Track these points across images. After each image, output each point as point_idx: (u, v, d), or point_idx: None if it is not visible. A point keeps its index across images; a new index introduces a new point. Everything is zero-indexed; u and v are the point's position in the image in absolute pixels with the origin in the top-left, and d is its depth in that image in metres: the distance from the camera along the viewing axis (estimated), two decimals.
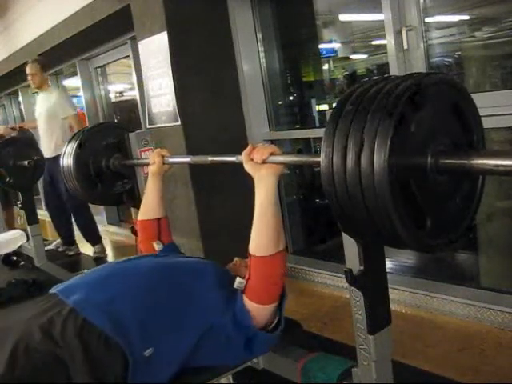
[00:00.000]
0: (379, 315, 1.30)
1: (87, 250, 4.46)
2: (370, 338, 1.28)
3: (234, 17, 3.17)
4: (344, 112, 1.01)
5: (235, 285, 1.43)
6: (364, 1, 3.33)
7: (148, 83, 3.23)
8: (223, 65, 3.18)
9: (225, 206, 3.10)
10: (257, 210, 1.40)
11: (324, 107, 3.77)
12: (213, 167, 2.93)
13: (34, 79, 4.17)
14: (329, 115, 1.04)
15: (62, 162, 2.23)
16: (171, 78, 3.00)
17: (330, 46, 3.76)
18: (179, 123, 3.03)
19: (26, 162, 3.74)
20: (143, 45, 3.19)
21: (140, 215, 1.90)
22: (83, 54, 4.88)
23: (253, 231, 1.40)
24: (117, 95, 5.48)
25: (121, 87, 5.45)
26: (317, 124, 3.55)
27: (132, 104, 4.71)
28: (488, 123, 2.07)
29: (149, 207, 1.89)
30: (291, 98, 3.70)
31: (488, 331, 2.19)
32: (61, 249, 4.59)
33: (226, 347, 1.42)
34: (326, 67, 3.87)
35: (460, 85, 1.12)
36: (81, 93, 5.19)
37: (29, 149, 3.94)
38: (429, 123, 1.02)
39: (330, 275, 2.92)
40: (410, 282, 2.61)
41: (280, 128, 3.37)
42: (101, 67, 5.04)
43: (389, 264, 2.89)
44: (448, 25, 2.67)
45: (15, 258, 4.58)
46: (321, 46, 3.71)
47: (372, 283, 1.26)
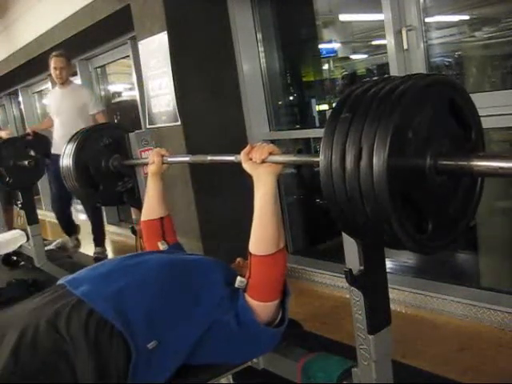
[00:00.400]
0: (379, 315, 1.30)
1: (87, 250, 4.47)
2: (370, 338, 1.28)
3: (234, 17, 3.17)
4: (343, 113, 1.01)
5: (236, 284, 1.43)
6: (364, 1, 3.33)
7: (148, 83, 3.23)
8: (223, 65, 3.18)
9: (225, 206, 3.10)
10: (256, 210, 1.40)
11: (324, 107, 3.77)
12: (213, 167, 2.94)
13: (62, 73, 4.01)
14: (328, 116, 1.04)
15: (62, 163, 2.23)
16: (171, 78, 3.00)
17: (330, 46, 3.76)
18: (179, 123, 3.03)
19: (26, 162, 3.74)
20: (143, 45, 3.19)
21: (143, 216, 1.91)
22: (83, 54, 4.88)
23: (252, 230, 1.40)
24: (116, 95, 5.48)
25: (121, 87, 5.44)
26: (317, 124, 3.55)
27: (132, 104, 4.71)
28: (488, 123, 2.08)
29: (151, 207, 1.89)
30: (291, 98, 3.70)
31: (488, 331, 2.19)
32: (71, 243, 4.58)
33: (229, 345, 1.42)
34: (326, 67, 3.86)
35: (459, 86, 1.11)
36: None
37: (29, 149, 3.94)
38: (428, 125, 1.02)
39: (330, 275, 2.92)
40: (410, 282, 2.61)
41: (280, 128, 3.37)
42: (101, 67, 5.04)
43: (389, 264, 2.89)
44: (448, 25, 2.67)
45: (15, 258, 4.58)
46: (321, 46, 3.70)
47: (372, 283, 1.26)
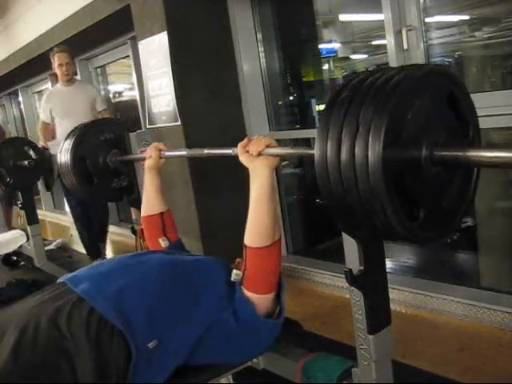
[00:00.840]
0: (379, 315, 1.30)
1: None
2: (370, 338, 1.28)
3: (234, 17, 3.17)
4: (338, 103, 1.00)
5: (232, 277, 1.44)
6: (364, 1, 3.33)
7: (148, 83, 3.23)
8: (223, 65, 3.18)
9: (225, 206, 3.10)
10: (252, 202, 1.41)
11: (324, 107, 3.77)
12: (213, 167, 2.94)
13: (69, 69, 3.85)
14: (323, 108, 1.05)
15: (60, 159, 2.22)
16: (171, 78, 3.00)
17: (330, 46, 3.76)
18: (179, 123, 3.03)
19: (26, 162, 3.74)
20: (143, 45, 3.19)
21: (143, 212, 1.91)
22: (83, 54, 4.87)
23: (248, 223, 1.41)
24: (116, 95, 5.47)
25: (121, 87, 5.44)
26: (317, 124, 3.55)
27: (132, 104, 4.71)
28: (488, 123, 2.09)
29: (150, 202, 1.89)
30: (291, 98, 3.70)
31: (488, 331, 2.19)
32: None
33: (229, 343, 1.42)
34: (326, 67, 3.86)
35: (456, 77, 1.11)
36: None
37: (29, 149, 3.94)
38: (424, 115, 1.02)
39: (330, 275, 2.92)
40: (410, 282, 2.61)
41: (280, 128, 3.36)
42: (101, 67, 5.04)
43: (389, 264, 2.89)
44: (448, 25, 2.67)
45: (15, 258, 4.58)
46: (321, 46, 3.70)
47: (372, 283, 1.26)
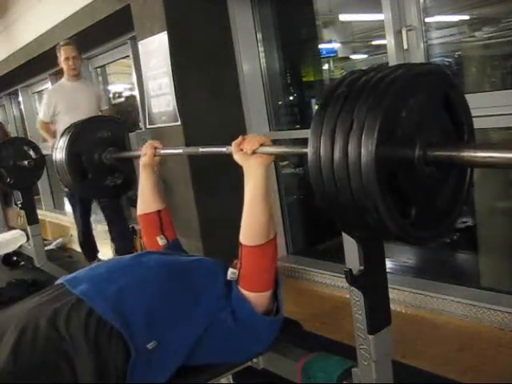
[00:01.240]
0: (379, 315, 1.30)
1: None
2: (370, 338, 1.28)
3: (234, 17, 3.17)
4: (332, 101, 1.00)
5: (228, 276, 1.44)
6: (364, 1, 3.33)
7: (148, 83, 3.23)
8: (223, 65, 3.18)
9: (225, 206, 3.10)
10: (246, 201, 1.41)
11: None
12: (213, 167, 2.94)
13: (76, 63, 3.74)
14: (317, 106, 1.04)
15: (55, 156, 2.20)
16: (171, 78, 3.00)
17: (330, 46, 3.76)
18: (179, 123, 3.03)
19: (26, 162, 3.74)
20: (143, 45, 3.19)
21: (139, 210, 1.90)
22: (83, 54, 4.86)
23: (243, 221, 1.41)
24: (116, 95, 5.47)
25: (121, 87, 5.44)
26: None
27: (132, 104, 4.71)
28: (488, 123, 2.09)
29: (146, 200, 1.88)
30: (291, 98, 3.70)
31: (488, 331, 2.19)
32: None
33: (228, 342, 1.42)
34: (326, 67, 3.86)
35: (451, 77, 1.11)
36: None
37: (29, 149, 3.94)
38: (418, 114, 1.02)
39: (330, 275, 2.92)
40: (410, 282, 2.61)
41: (280, 128, 3.36)
42: (101, 67, 5.04)
43: (389, 264, 2.89)
44: (448, 25, 2.67)
45: (15, 258, 4.59)
46: (321, 46, 3.70)
47: (372, 283, 1.26)
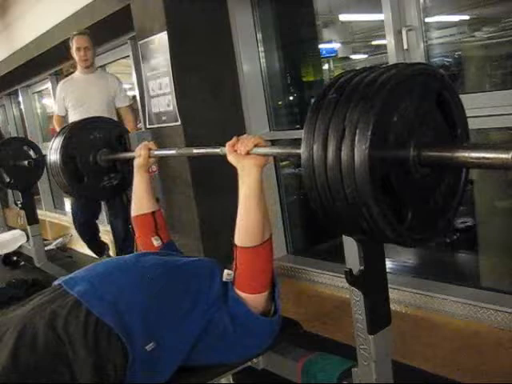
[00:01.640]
0: (379, 315, 1.30)
1: (87, 250, 4.46)
2: (370, 338, 1.28)
3: (234, 17, 3.17)
4: (325, 102, 1.00)
5: (224, 277, 1.44)
6: (364, 1, 3.33)
7: (148, 83, 3.23)
8: (223, 65, 3.19)
9: (225, 207, 3.09)
10: (240, 202, 1.40)
11: None
12: (213, 167, 2.94)
13: (88, 54, 3.55)
14: (310, 108, 1.03)
15: (49, 158, 2.19)
16: (171, 78, 3.00)
17: (330, 46, 3.76)
18: (179, 123, 3.03)
19: (26, 162, 3.74)
20: (143, 45, 3.19)
21: (133, 211, 1.90)
22: None
23: (237, 222, 1.41)
24: None
25: None
26: None
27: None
28: (488, 123, 2.09)
29: (141, 201, 1.89)
30: (291, 98, 3.70)
31: (488, 331, 2.19)
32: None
33: (225, 343, 1.42)
34: (326, 67, 3.86)
35: (444, 76, 1.10)
36: None
37: (29, 149, 3.94)
38: (412, 115, 1.02)
39: (330, 275, 2.92)
40: (410, 282, 2.61)
41: (280, 128, 3.37)
42: (101, 67, 5.04)
43: (389, 264, 2.89)
44: (448, 25, 2.67)
45: (15, 258, 4.59)
46: (321, 46, 3.70)
47: (372, 283, 1.26)
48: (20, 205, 3.95)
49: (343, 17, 3.69)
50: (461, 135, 1.13)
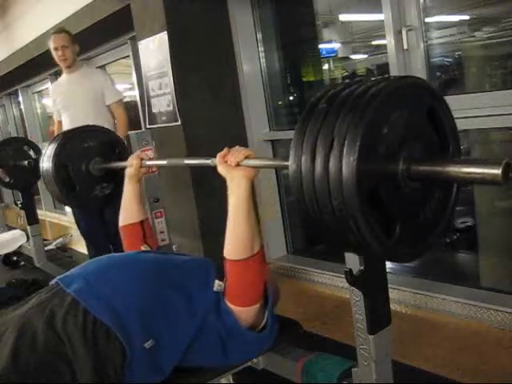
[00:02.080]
0: (379, 315, 1.30)
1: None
2: (370, 338, 1.28)
3: (234, 17, 3.17)
4: (314, 115, 0.99)
5: (215, 287, 1.43)
6: (364, 1, 3.33)
7: (148, 83, 3.23)
8: (223, 65, 3.19)
9: (225, 207, 3.10)
10: (229, 214, 1.40)
11: None
12: (213, 168, 2.94)
13: (66, 53, 3.35)
14: (298, 120, 1.02)
15: (42, 165, 2.18)
16: (171, 78, 3.00)
17: (330, 46, 3.76)
18: (179, 123, 3.03)
19: (26, 162, 3.74)
20: (143, 45, 3.19)
21: (122, 221, 1.90)
22: (83, 54, 4.87)
23: (226, 234, 1.40)
24: None
25: (121, 87, 5.44)
26: None
27: (132, 105, 4.71)
28: (488, 123, 2.10)
29: (131, 211, 1.90)
30: (291, 98, 3.70)
31: (488, 331, 2.19)
32: None
33: (218, 346, 1.42)
34: (326, 67, 3.86)
35: (435, 90, 1.09)
36: None
37: (29, 149, 3.95)
38: (402, 128, 1.00)
39: (330, 275, 2.92)
40: (410, 282, 2.61)
41: (280, 128, 3.37)
42: (101, 67, 5.04)
43: (389, 264, 2.89)
44: (448, 25, 2.67)
45: (15, 258, 4.59)
46: (321, 46, 3.70)
47: (372, 283, 1.26)
48: (20, 205, 3.95)
49: (343, 17, 3.69)
50: (452, 149, 1.12)
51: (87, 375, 1.25)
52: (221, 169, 1.42)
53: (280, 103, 3.47)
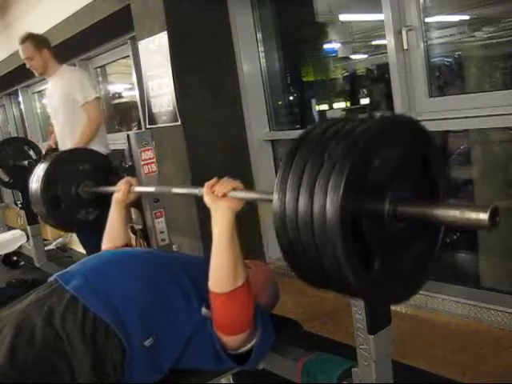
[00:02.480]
0: (379, 315, 1.30)
1: None
2: (370, 338, 1.28)
3: (234, 17, 3.17)
4: (300, 152, 0.97)
5: (202, 312, 1.43)
6: (364, 1, 3.33)
7: (148, 83, 3.23)
8: (223, 65, 3.19)
9: None
10: (213, 245, 1.38)
11: (324, 107, 3.77)
12: (213, 168, 2.94)
13: (33, 64, 3.25)
14: (284, 154, 1.01)
15: (31, 186, 2.17)
16: (171, 78, 3.00)
17: (330, 46, 3.76)
18: (179, 123, 3.03)
19: (26, 162, 3.74)
20: (143, 45, 3.19)
21: (106, 242, 1.90)
22: (83, 54, 4.88)
23: (210, 267, 1.39)
24: (116, 95, 5.47)
25: (121, 87, 5.44)
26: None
27: (132, 105, 4.71)
28: (488, 123, 2.10)
29: (115, 234, 1.89)
30: (291, 98, 3.70)
31: (488, 331, 2.19)
32: None
33: (210, 350, 1.42)
34: (326, 67, 3.86)
35: (425, 130, 1.07)
36: None
37: (28, 149, 3.95)
38: (390, 168, 0.99)
39: None
40: None
41: (280, 128, 3.37)
42: (101, 67, 5.04)
43: None
44: (448, 25, 2.67)
45: (15, 258, 4.59)
46: (321, 46, 3.70)
47: None
48: (20, 205, 3.95)
49: (343, 17, 3.69)
50: (441, 191, 1.10)
51: (86, 373, 1.25)
52: (207, 199, 1.41)
53: (280, 103, 3.48)
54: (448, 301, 2.37)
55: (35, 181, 2.15)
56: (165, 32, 2.96)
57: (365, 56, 4.06)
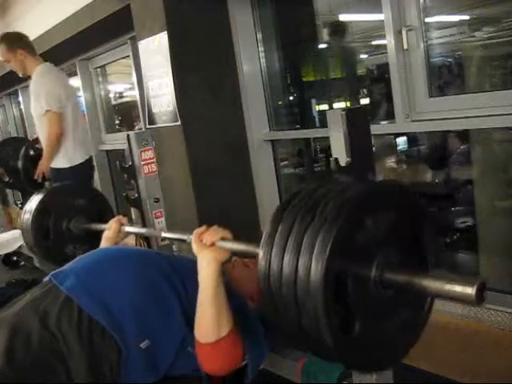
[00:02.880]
0: None
1: None
2: None
3: (234, 17, 3.16)
4: (286, 214, 0.97)
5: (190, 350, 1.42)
6: (364, 1, 3.33)
7: (148, 83, 3.23)
8: (223, 65, 3.18)
9: (225, 207, 3.10)
10: (198, 296, 1.38)
11: (324, 107, 3.77)
12: (213, 167, 2.94)
13: (12, 66, 3.22)
14: (272, 213, 1.01)
15: (23, 216, 2.19)
16: (171, 78, 3.00)
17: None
18: (179, 123, 3.03)
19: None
20: (143, 45, 3.19)
21: None
22: (83, 54, 4.87)
23: (195, 316, 1.38)
24: (116, 96, 5.47)
25: (121, 87, 5.44)
26: (317, 124, 3.55)
27: (132, 105, 4.71)
28: (488, 123, 2.09)
29: None
30: (291, 98, 3.70)
31: (488, 331, 2.19)
32: None
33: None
34: (326, 67, 3.86)
35: (413, 196, 1.08)
36: (81, 93, 5.18)
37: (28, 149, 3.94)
38: (378, 234, 0.98)
39: None
40: None
41: (280, 128, 3.37)
42: (101, 67, 5.04)
43: None
44: (448, 25, 2.67)
45: (15, 258, 4.59)
46: (321, 46, 3.70)
47: None
48: (20, 205, 3.95)
49: (343, 17, 3.69)
50: (429, 260, 1.11)
51: (82, 373, 1.25)
52: (194, 247, 1.41)
53: (280, 103, 3.47)
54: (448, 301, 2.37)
55: (28, 210, 2.17)
56: (165, 32, 2.96)
57: (365, 56, 4.07)
